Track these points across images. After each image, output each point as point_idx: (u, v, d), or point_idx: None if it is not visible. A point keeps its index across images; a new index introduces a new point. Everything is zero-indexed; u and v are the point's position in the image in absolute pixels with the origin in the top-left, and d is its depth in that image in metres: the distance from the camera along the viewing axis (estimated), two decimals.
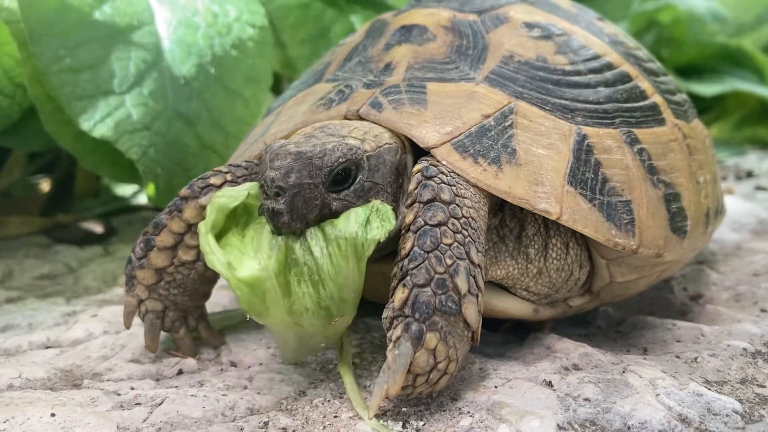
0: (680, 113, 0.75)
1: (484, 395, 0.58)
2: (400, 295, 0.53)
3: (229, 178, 0.66)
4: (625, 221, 0.61)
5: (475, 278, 0.55)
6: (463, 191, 0.58)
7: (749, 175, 1.58)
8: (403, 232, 0.57)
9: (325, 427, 0.56)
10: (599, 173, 0.62)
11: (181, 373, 0.67)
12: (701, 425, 0.54)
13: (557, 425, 0.53)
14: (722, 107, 1.97)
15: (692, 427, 0.54)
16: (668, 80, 0.78)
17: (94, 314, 0.81)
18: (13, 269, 1.03)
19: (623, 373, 0.61)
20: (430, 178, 0.57)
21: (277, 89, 1.30)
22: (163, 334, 0.70)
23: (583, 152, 0.62)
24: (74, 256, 1.10)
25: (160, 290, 0.67)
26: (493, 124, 0.62)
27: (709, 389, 0.59)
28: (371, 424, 0.55)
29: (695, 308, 0.81)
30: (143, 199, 1.38)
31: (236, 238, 0.58)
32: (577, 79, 0.67)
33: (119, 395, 0.61)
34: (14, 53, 0.97)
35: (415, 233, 0.55)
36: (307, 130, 0.61)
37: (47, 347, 0.74)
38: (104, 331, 0.77)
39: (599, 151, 0.63)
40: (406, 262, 0.54)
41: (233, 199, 0.58)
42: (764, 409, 0.58)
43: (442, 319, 0.53)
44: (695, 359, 0.66)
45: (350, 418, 0.57)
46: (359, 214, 0.56)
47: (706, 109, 1.88)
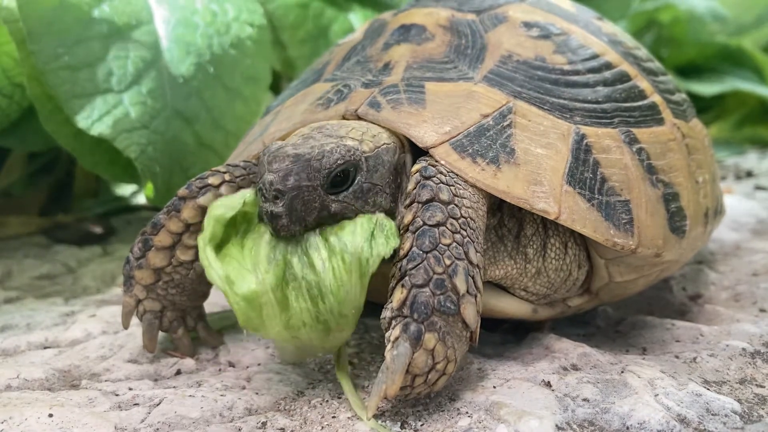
0: (679, 113, 0.75)
1: (482, 395, 0.58)
2: (398, 295, 0.53)
3: (227, 178, 0.66)
4: (623, 221, 0.61)
5: (473, 278, 0.55)
6: (461, 191, 0.58)
7: (749, 174, 1.58)
8: (401, 232, 0.57)
9: (323, 427, 0.55)
10: (598, 173, 0.62)
11: (179, 373, 0.67)
12: (700, 425, 0.54)
13: (556, 425, 0.53)
14: (722, 107, 1.97)
15: (691, 427, 0.54)
16: (667, 80, 0.78)
17: (92, 314, 0.81)
18: (12, 269, 1.03)
19: (622, 373, 0.61)
20: (428, 178, 0.57)
21: (276, 88, 1.30)
22: (161, 334, 0.70)
23: (581, 152, 0.62)
24: (73, 256, 1.09)
25: (158, 290, 0.67)
26: (491, 123, 0.62)
27: (708, 389, 0.59)
28: (369, 424, 0.55)
29: (694, 308, 0.81)
30: (142, 199, 1.38)
31: (236, 248, 0.57)
32: (575, 78, 0.67)
33: (117, 395, 0.61)
34: (13, 53, 0.97)
35: (413, 233, 0.55)
36: (304, 130, 0.61)
37: (45, 347, 0.74)
38: (103, 331, 0.77)
39: (598, 150, 0.63)
40: (404, 262, 0.54)
41: (230, 209, 0.58)
42: (763, 409, 0.57)
43: (440, 319, 0.53)
44: (694, 359, 0.66)
45: (348, 418, 0.56)
46: (364, 226, 0.56)
47: (705, 108, 1.88)
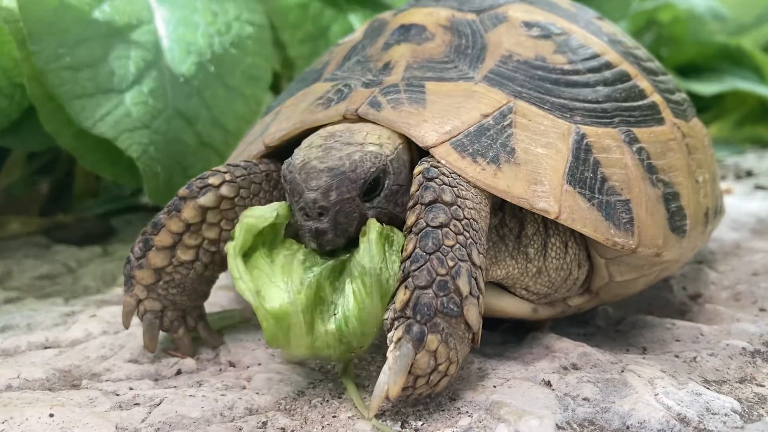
0: (679, 112, 0.75)
1: (482, 395, 0.58)
2: (401, 296, 0.53)
3: (227, 178, 0.66)
4: (624, 220, 0.61)
5: (476, 280, 0.55)
6: (464, 192, 0.58)
7: (749, 174, 1.58)
8: (405, 233, 0.57)
9: (323, 426, 0.55)
10: (598, 172, 0.62)
11: (179, 373, 0.67)
12: (700, 424, 0.54)
13: (556, 425, 0.53)
14: (722, 106, 1.97)
15: (691, 426, 0.54)
16: (667, 79, 0.78)
17: (93, 314, 0.81)
18: (12, 269, 1.03)
19: (622, 372, 0.61)
20: (431, 179, 0.57)
21: (276, 88, 1.30)
22: (162, 334, 0.70)
23: (581, 151, 0.62)
24: (73, 256, 1.09)
25: (158, 290, 0.67)
26: (491, 123, 0.62)
27: (708, 389, 0.59)
28: (370, 423, 0.55)
29: (694, 307, 0.81)
30: (143, 199, 1.38)
31: (264, 260, 0.58)
32: (575, 78, 0.67)
33: (118, 395, 0.61)
34: (13, 53, 0.97)
35: (417, 235, 0.55)
36: (315, 140, 0.61)
37: (46, 347, 0.74)
38: (103, 331, 0.77)
39: (598, 150, 0.63)
40: (408, 263, 0.54)
41: (262, 219, 0.58)
42: (763, 408, 0.58)
43: (443, 321, 0.53)
44: (694, 359, 0.66)
45: (349, 417, 0.57)
46: (378, 244, 0.56)
47: (705, 108, 1.88)
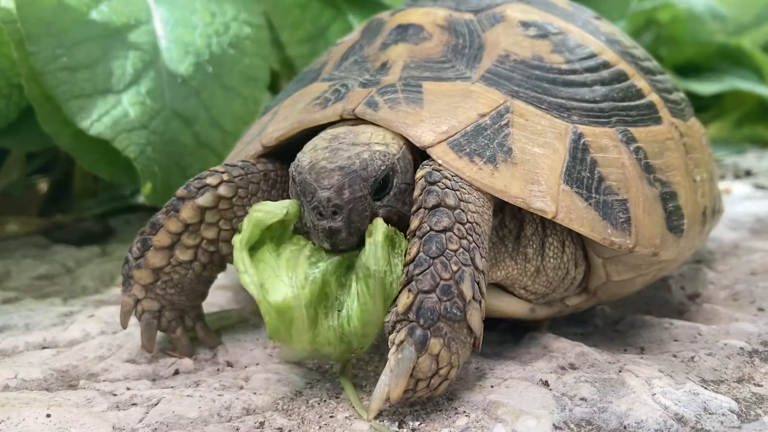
0: (677, 112, 0.75)
1: (480, 395, 0.58)
2: (404, 300, 0.53)
3: (225, 178, 0.66)
4: (621, 220, 0.61)
5: (479, 284, 0.55)
6: (467, 196, 0.58)
7: (748, 173, 1.58)
8: (408, 237, 0.57)
9: (321, 427, 0.55)
10: (595, 172, 0.62)
11: (177, 373, 0.67)
12: (697, 424, 0.54)
13: (553, 425, 0.53)
14: (721, 106, 1.97)
15: (688, 426, 0.54)
16: (665, 79, 0.78)
17: (91, 314, 0.81)
18: (10, 269, 1.03)
19: (620, 372, 0.61)
20: (434, 183, 0.57)
21: (275, 88, 1.30)
22: (160, 334, 0.70)
23: (579, 151, 0.62)
24: (72, 256, 1.09)
25: (156, 290, 0.67)
26: (489, 123, 0.62)
27: (705, 388, 0.59)
28: (367, 423, 0.55)
29: (692, 307, 0.81)
30: (141, 199, 1.38)
31: (270, 255, 0.58)
32: (573, 77, 0.67)
33: (115, 396, 0.61)
34: (11, 53, 0.97)
35: (420, 239, 0.55)
36: (319, 142, 0.61)
37: (44, 348, 0.74)
38: (101, 331, 0.77)
39: (595, 149, 0.63)
40: (411, 267, 0.54)
41: (271, 215, 0.58)
42: (760, 408, 0.57)
43: (446, 325, 0.53)
44: (692, 358, 0.66)
45: (346, 418, 0.56)
46: (383, 246, 0.56)
47: (704, 107, 1.88)
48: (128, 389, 0.62)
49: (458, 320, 0.53)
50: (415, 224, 0.56)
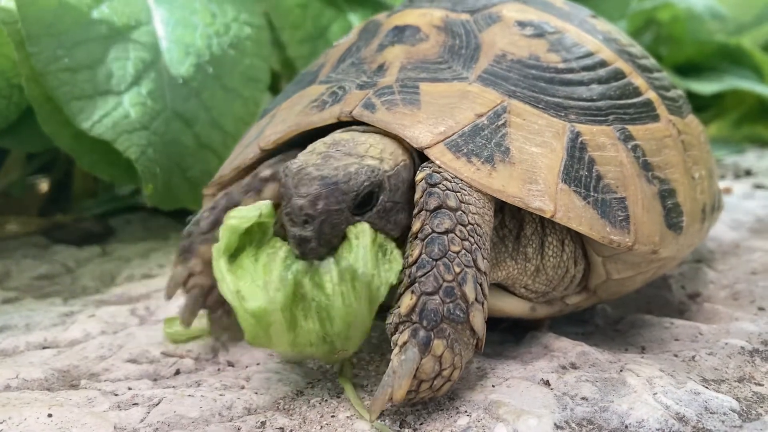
0: (674, 109, 0.75)
1: (481, 394, 0.58)
2: (407, 301, 0.54)
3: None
4: (619, 218, 0.61)
5: (481, 286, 0.56)
6: (467, 197, 0.58)
7: (748, 173, 1.58)
8: (410, 239, 0.57)
9: (322, 426, 0.55)
10: (593, 170, 0.62)
11: (178, 373, 0.67)
12: (698, 424, 0.54)
13: (554, 424, 0.53)
14: (721, 105, 1.97)
15: (689, 425, 0.54)
16: (662, 76, 0.78)
17: (91, 314, 0.81)
18: (10, 269, 1.03)
19: (621, 371, 0.61)
20: (434, 185, 0.57)
21: (275, 89, 1.30)
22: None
23: (576, 150, 0.62)
24: (72, 256, 1.10)
25: None
26: (486, 123, 0.62)
27: (706, 388, 0.59)
28: (369, 423, 0.55)
29: (693, 307, 0.81)
30: (142, 199, 1.38)
31: (249, 260, 0.57)
32: (570, 76, 0.67)
33: (116, 395, 0.61)
34: (11, 54, 0.97)
35: (422, 241, 0.55)
36: (319, 146, 0.60)
37: (44, 347, 0.74)
38: (102, 331, 0.77)
39: (593, 148, 0.63)
40: (414, 269, 0.54)
41: (245, 220, 0.58)
42: (761, 407, 0.57)
43: (449, 326, 0.53)
44: (693, 358, 0.66)
45: (347, 417, 0.57)
46: (371, 250, 0.55)
47: (704, 107, 1.88)
48: (129, 389, 0.63)
49: (461, 322, 0.54)
50: (416, 226, 0.56)
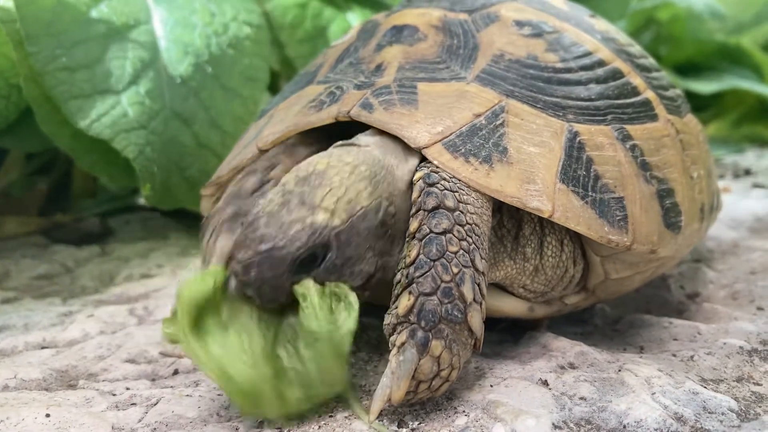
0: (673, 108, 0.75)
1: (479, 394, 0.58)
2: (405, 302, 0.53)
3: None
4: (618, 218, 0.61)
5: (479, 286, 0.55)
6: (465, 197, 0.58)
7: (747, 172, 1.57)
8: (407, 239, 0.57)
9: (320, 426, 0.55)
10: (591, 170, 0.62)
11: (176, 373, 0.67)
12: (697, 423, 0.54)
13: (552, 424, 0.53)
14: (721, 105, 1.97)
15: (688, 425, 0.54)
16: (661, 76, 0.78)
17: (90, 314, 0.81)
18: (10, 269, 1.03)
19: (619, 371, 0.61)
20: (432, 185, 0.57)
21: (274, 88, 1.30)
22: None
23: (574, 149, 0.62)
24: (71, 256, 1.10)
25: None
26: (484, 123, 0.61)
27: (705, 387, 0.59)
28: (368, 423, 0.55)
29: (692, 306, 0.81)
30: (141, 199, 1.38)
31: (218, 329, 0.55)
32: (568, 76, 0.67)
33: (114, 395, 0.61)
34: (10, 53, 0.97)
35: (420, 241, 0.55)
36: (290, 181, 0.57)
37: (43, 347, 0.74)
38: (100, 331, 0.77)
39: (591, 148, 0.63)
40: (411, 269, 0.54)
41: (200, 293, 0.55)
42: (760, 407, 0.57)
43: (447, 327, 0.53)
44: (692, 357, 0.66)
45: (345, 417, 0.56)
46: (317, 307, 0.54)
47: (704, 106, 1.88)
48: (127, 389, 0.62)
49: (459, 322, 0.53)
50: (414, 226, 0.56)
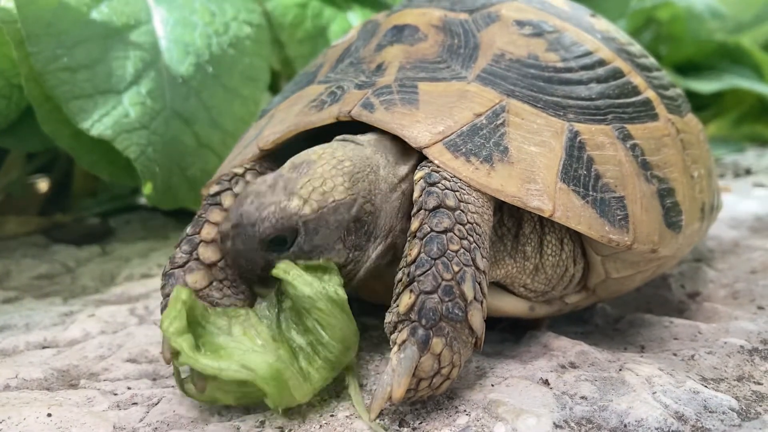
0: (673, 108, 0.75)
1: (480, 394, 0.58)
2: (406, 300, 0.54)
3: (248, 166, 0.68)
4: (618, 217, 0.61)
5: (480, 284, 0.56)
6: (466, 196, 0.58)
7: (747, 172, 1.58)
8: (409, 238, 0.57)
9: (321, 426, 0.55)
10: (592, 170, 0.62)
11: None
12: (697, 423, 0.54)
13: (553, 423, 0.53)
14: (721, 105, 1.97)
15: (688, 424, 0.54)
16: (661, 75, 0.78)
17: (91, 314, 0.81)
18: (10, 269, 1.03)
19: (620, 371, 0.61)
20: (433, 184, 0.57)
21: (275, 88, 1.30)
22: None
23: (575, 149, 0.62)
24: (72, 255, 1.10)
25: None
26: (484, 122, 0.61)
27: (705, 387, 0.59)
28: (368, 422, 0.55)
29: (693, 306, 0.81)
30: (141, 198, 1.38)
31: (217, 329, 0.56)
32: (568, 76, 0.67)
33: (116, 395, 0.61)
34: (10, 54, 0.97)
35: (421, 240, 0.55)
36: (286, 167, 0.60)
37: (44, 347, 0.74)
38: (101, 331, 0.77)
39: (592, 147, 0.63)
40: (412, 268, 0.54)
41: (175, 320, 0.55)
42: (761, 406, 0.57)
43: (448, 325, 0.53)
44: (692, 357, 0.66)
45: (347, 417, 0.56)
46: (304, 273, 0.56)
47: (704, 106, 1.88)
48: (129, 389, 0.63)
49: (460, 320, 0.54)
50: (415, 225, 0.56)
